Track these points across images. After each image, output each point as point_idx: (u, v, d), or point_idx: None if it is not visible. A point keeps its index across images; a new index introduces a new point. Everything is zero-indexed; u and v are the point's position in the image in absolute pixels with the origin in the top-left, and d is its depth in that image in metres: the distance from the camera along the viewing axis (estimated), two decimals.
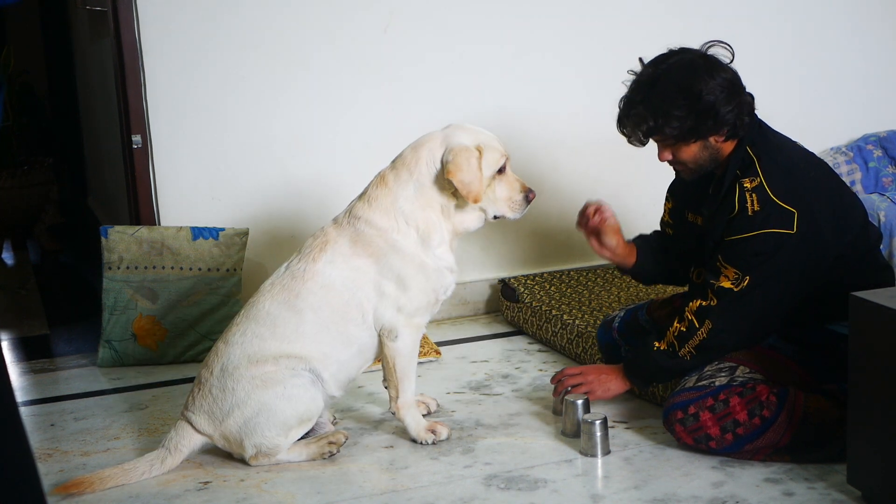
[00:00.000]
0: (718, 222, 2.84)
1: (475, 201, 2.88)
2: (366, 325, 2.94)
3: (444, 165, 2.88)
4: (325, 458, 2.93)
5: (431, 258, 2.95)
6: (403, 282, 2.91)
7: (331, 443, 2.94)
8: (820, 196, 2.80)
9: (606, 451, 2.91)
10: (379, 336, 2.96)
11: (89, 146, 6.44)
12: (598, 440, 2.89)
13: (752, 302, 2.78)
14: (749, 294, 2.77)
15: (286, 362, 2.87)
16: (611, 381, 3.03)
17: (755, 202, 2.74)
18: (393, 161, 3.02)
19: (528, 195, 2.99)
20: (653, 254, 3.22)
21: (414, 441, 3.02)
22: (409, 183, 2.94)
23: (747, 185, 2.76)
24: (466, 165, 2.85)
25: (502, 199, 2.96)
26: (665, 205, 3.22)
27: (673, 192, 3.19)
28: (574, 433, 2.98)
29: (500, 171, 2.95)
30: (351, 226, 2.96)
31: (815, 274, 2.79)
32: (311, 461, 2.92)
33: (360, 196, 3.02)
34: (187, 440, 2.90)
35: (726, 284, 2.78)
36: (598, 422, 2.89)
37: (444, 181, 2.90)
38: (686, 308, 2.86)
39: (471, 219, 2.99)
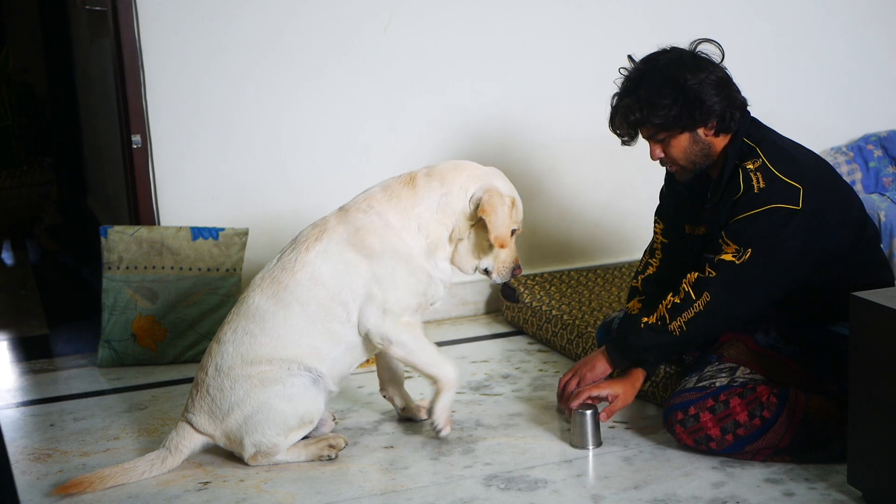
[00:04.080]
0: (722, 208, 2.82)
1: (501, 245, 2.91)
2: (350, 323, 2.92)
3: (476, 203, 2.92)
4: (323, 461, 2.93)
5: (432, 267, 2.95)
6: (394, 281, 2.89)
7: (331, 446, 2.94)
8: (823, 176, 2.80)
9: (598, 444, 2.91)
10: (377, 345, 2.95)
11: (89, 146, 6.44)
12: (590, 432, 2.89)
13: (753, 276, 2.74)
14: (750, 267, 2.73)
15: (280, 363, 2.87)
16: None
17: (760, 179, 2.73)
18: (429, 168, 3.02)
19: (516, 270, 3.03)
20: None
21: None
22: (437, 196, 2.94)
23: (750, 166, 2.76)
24: (501, 210, 2.90)
25: (500, 260, 3.00)
26: (655, 227, 3.19)
27: (662, 213, 3.16)
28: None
29: (511, 233, 2.99)
30: (361, 213, 2.94)
31: (814, 257, 2.77)
32: (309, 462, 2.92)
33: (383, 188, 3.00)
34: (188, 441, 2.90)
35: (727, 258, 2.75)
36: (588, 413, 2.89)
37: (467, 215, 2.94)
38: (683, 280, 2.83)
39: (466, 260, 3.00)
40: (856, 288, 2.55)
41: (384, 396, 3.22)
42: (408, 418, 3.19)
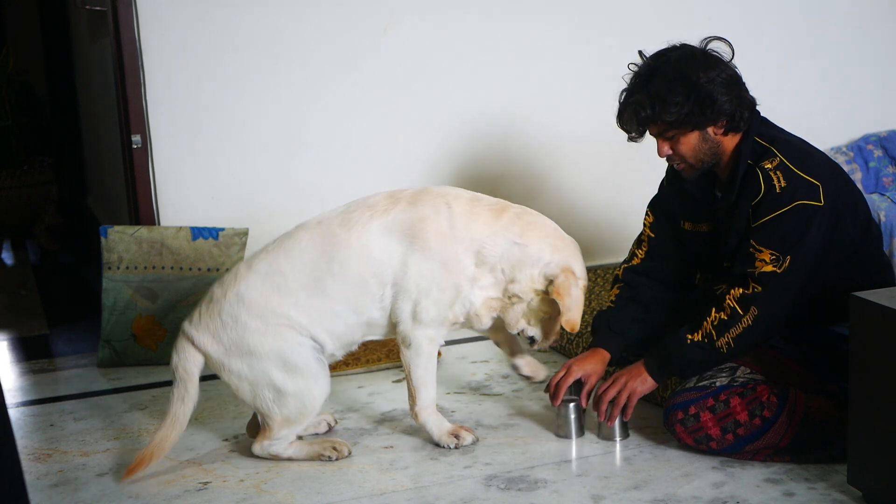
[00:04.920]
0: (741, 212, 2.81)
1: (572, 329, 2.90)
2: (381, 305, 2.91)
3: (550, 278, 2.90)
4: (323, 460, 2.92)
5: (468, 290, 2.93)
6: (429, 292, 2.88)
7: (335, 448, 2.93)
8: (835, 174, 2.81)
9: (581, 434, 2.97)
10: (398, 344, 2.96)
11: (89, 146, 6.44)
12: (573, 422, 2.97)
13: (794, 282, 2.73)
14: (792, 274, 2.72)
15: (297, 325, 2.86)
16: (645, 377, 2.90)
17: (781, 178, 2.72)
18: (522, 210, 2.97)
19: (554, 342, 3.04)
20: (624, 325, 3.11)
21: (437, 445, 2.99)
22: (509, 243, 2.91)
23: (768, 165, 2.74)
24: (576, 296, 2.89)
25: (556, 332, 3.01)
26: (645, 220, 3.15)
27: (656, 206, 3.13)
28: (609, 435, 2.98)
29: None
30: (433, 208, 2.90)
31: (835, 252, 2.78)
32: (309, 461, 2.92)
33: (471, 199, 2.96)
34: (192, 362, 2.89)
35: (768, 269, 2.72)
36: (571, 405, 2.97)
37: (533, 280, 2.91)
38: (726, 296, 2.78)
39: (515, 319, 2.97)
40: (857, 288, 2.55)
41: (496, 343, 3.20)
42: (526, 377, 3.18)
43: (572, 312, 2.88)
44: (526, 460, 2.90)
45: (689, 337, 2.82)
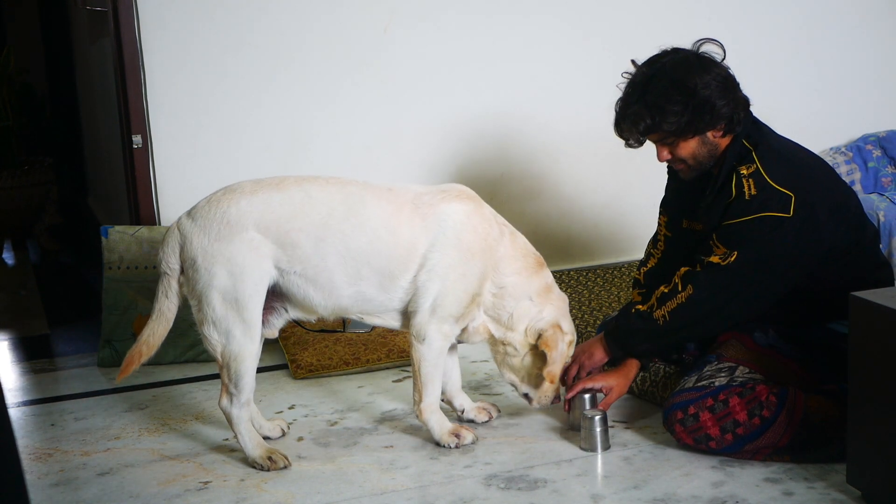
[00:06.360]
0: (715, 210, 2.84)
1: (551, 381, 2.97)
2: (406, 288, 2.89)
3: (538, 332, 2.98)
4: (255, 468, 2.89)
5: (481, 304, 2.98)
6: (455, 286, 2.89)
7: (270, 458, 2.88)
8: (816, 182, 2.80)
9: (606, 447, 2.92)
10: (410, 339, 2.96)
11: (89, 146, 6.44)
12: (598, 435, 2.91)
13: (738, 278, 2.76)
14: (734, 269, 2.75)
15: (288, 257, 2.83)
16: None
17: (752, 186, 2.75)
18: (550, 284, 3.04)
19: (555, 399, 3.06)
20: None
21: (438, 444, 2.99)
22: (528, 295, 2.97)
23: (744, 171, 2.77)
24: (561, 350, 2.97)
25: (543, 390, 3.03)
26: (660, 219, 3.19)
27: (666, 205, 3.17)
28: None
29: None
30: (500, 231, 2.97)
31: (805, 263, 2.78)
32: (250, 459, 2.90)
33: (526, 243, 3.03)
34: (175, 257, 2.86)
35: (714, 259, 2.79)
36: (597, 417, 2.90)
37: (527, 331, 2.99)
38: (675, 273, 2.88)
39: (513, 372, 3.04)
40: (855, 288, 2.55)
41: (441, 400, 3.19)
42: (470, 420, 3.18)
43: (556, 365, 2.96)
44: (526, 460, 2.90)
45: (637, 308, 2.92)
